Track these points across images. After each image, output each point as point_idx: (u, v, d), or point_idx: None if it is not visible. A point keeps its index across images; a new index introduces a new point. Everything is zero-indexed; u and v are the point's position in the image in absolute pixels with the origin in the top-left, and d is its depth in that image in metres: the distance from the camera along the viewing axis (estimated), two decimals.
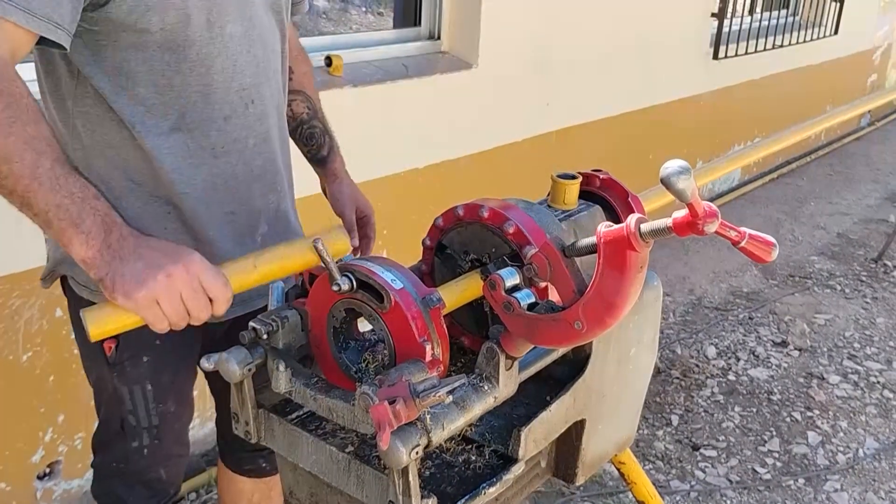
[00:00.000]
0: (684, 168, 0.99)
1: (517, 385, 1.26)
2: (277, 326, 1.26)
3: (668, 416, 3.19)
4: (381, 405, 1.04)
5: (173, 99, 1.40)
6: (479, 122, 3.58)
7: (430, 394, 1.07)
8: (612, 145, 4.43)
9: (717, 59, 5.07)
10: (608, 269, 1.07)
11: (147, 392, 1.61)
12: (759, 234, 1.06)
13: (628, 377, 1.51)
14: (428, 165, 3.40)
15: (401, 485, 1.11)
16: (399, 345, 1.18)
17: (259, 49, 1.49)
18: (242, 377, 1.25)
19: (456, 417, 1.16)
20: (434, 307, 1.19)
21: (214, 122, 1.45)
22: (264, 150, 1.55)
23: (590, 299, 1.10)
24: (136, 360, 1.57)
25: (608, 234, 1.07)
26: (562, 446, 1.47)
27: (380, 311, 1.18)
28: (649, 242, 1.06)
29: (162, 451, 1.66)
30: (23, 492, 2.38)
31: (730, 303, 4.23)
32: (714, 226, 1.01)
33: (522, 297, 1.16)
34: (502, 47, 3.56)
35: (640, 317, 1.49)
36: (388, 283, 1.17)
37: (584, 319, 1.11)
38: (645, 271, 1.11)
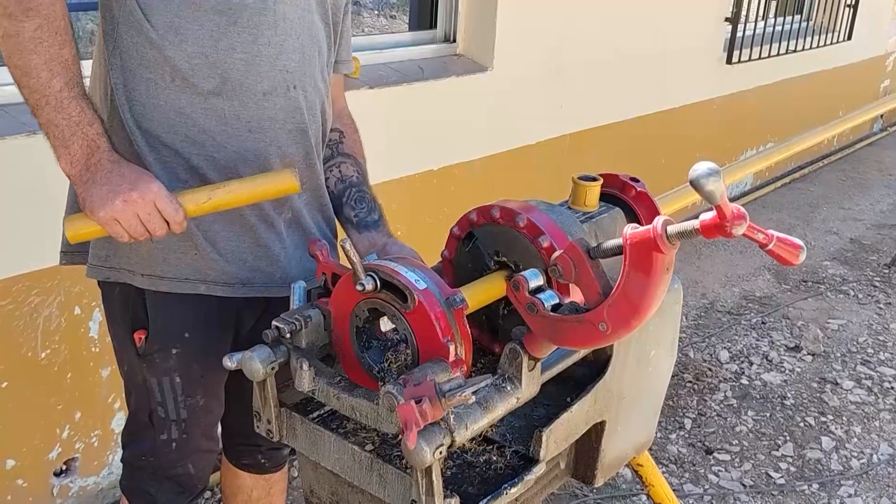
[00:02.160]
0: (714, 170, 0.99)
1: (539, 386, 1.26)
2: (300, 325, 1.27)
3: (681, 419, 3.19)
4: (408, 405, 1.05)
5: (218, 61, 1.45)
6: (493, 124, 3.59)
7: (456, 393, 1.08)
8: (625, 149, 4.43)
9: (730, 63, 5.06)
10: (634, 271, 1.08)
11: (176, 384, 1.62)
12: (786, 236, 1.06)
13: (648, 379, 1.52)
14: (442, 167, 3.41)
15: (424, 484, 1.12)
16: (422, 344, 1.18)
17: (307, 41, 1.54)
18: (266, 375, 1.27)
19: (479, 417, 1.17)
20: (457, 308, 1.20)
21: (254, 94, 1.49)
22: (300, 140, 1.58)
23: (615, 301, 1.10)
24: (165, 351, 1.60)
25: (635, 235, 1.07)
26: (581, 448, 1.48)
27: (403, 311, 1.19)
28: (676, 244, 1.06)
29: (190, 444, 1.67)
30: (39, 488, 2.39)
31: (742, 307, 4.22)
32: (742, 228, 1.02)
33: (546, 299, 1.17)
34: (517, 50, 3.56)
35: (660, 319, 1.49)
36: (411, 283, 1.18)
37: (609, 321, 1.11)
38: (671, 273, 1.11)
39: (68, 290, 2.31)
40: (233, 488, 1.97)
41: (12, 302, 2.22)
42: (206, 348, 1.62)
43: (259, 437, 1.34)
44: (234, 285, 1.58)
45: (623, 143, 4.40)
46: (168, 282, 1.56)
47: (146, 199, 1.37)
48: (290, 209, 1.62)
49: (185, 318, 1.59)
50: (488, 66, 3.49)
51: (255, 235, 1.58)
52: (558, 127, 3.98)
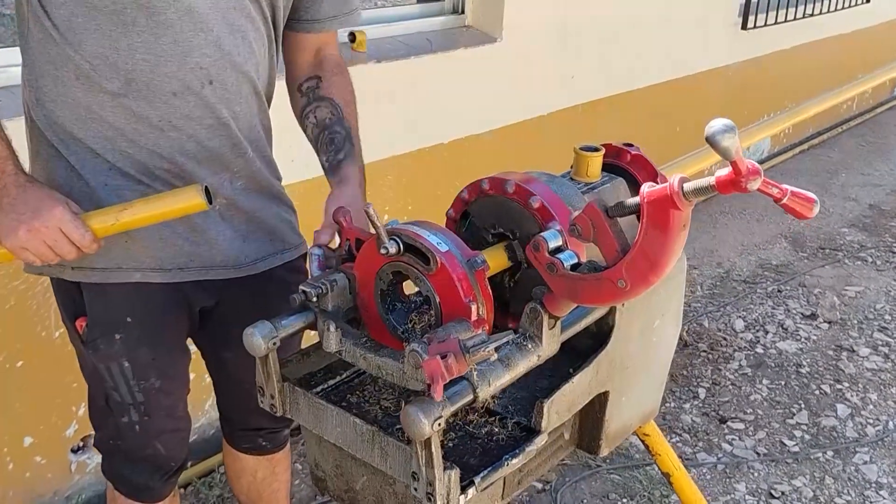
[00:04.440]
0: (729, 126, 1.00)
1: (559, 344, 1.28)
2: (327, 289, 1.29)
3: (696, 389, 3.18)
4: (434, 359, 1.07)
5: (119, 62, 1.42)
6: (503, 96, 3.56)
7: (480, 349, 1.10)
8: (639, 118, 4.39)
9: (745, 29, 4.99)
10: (651, 229, 1.09)
11: (125, 369, 1.62)
12: (800, 190, 1.07)
13: (652, 349, 1.51)
14: (452, 140, 3.39)
15: (423, 456, 1.13)
16: (445, 305, 1.20)
17: (224, 31, 1.47)
18: (268, 351, 1.27)
19: (501, 374, 1.19)
20: (479, 269, 1.22)
21: (163, 94, 1.46)
22: (224, 134, 1.54)
23: (634, 258, 1.12)
24: (108, 337, 1.59)
25: (652, 193, 1.08)
26: (585, 418, 1.48)
27: (426, 273, 1.21)
28: (692, 201, 1.07)
29: (154, 426, 1.67)
30: (57, 464, 2.43)
31: (758, 275, 4.19)
32: (757, 183, 1.03)
33: (566, 258, 1.19)
34: (526, 21, 3.53)
35: (664, 289, 1.48)
36: (434, 246, 1.20)
37: (628, 278, 1.13)
38: (687, 230, 1.12)
39: None
40: (236, 471, 1.99)
41: (24, 282, 2.24)
42: (152, 332, 1.62)
43: (258, 420, 1.36)
44: (171, 270, 1.58)
45: (637, 111, 4.36)
46: (100, 272, 1.55)
47: (50, 226, 1.38)
48: (220, 200, 1.58)
49: (123, 304, 1.59)
50: (497, 37, 3.46)
51: (189, 221, 1.55)
52: (571, 97, 3.94)
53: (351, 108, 1.70)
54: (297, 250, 1.75)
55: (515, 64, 3.55)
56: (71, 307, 1.63)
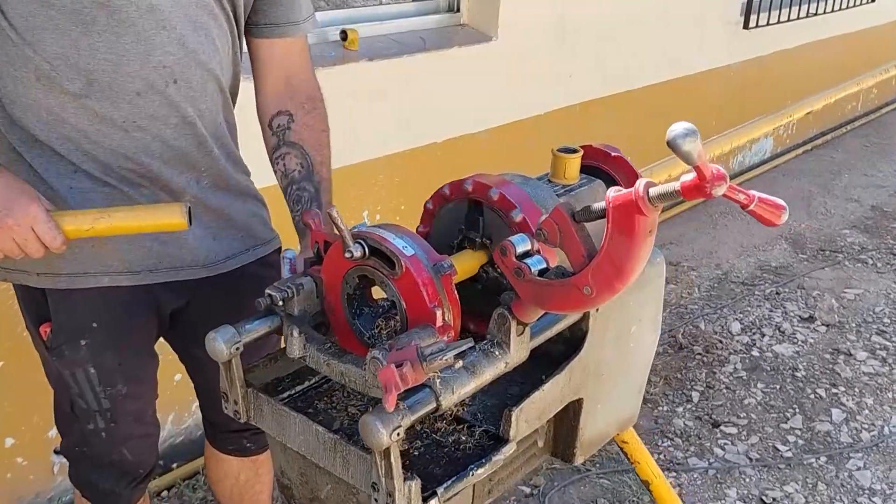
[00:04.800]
0: (690, 130, 0.97)
1: (528, 351, 1.25)
2: (292, 293, 1.26)
3: (689, 392, 3.15)
4: (388, 368, 1.04)
5: (80, 62, 1.39)
6: (499, 95, 3.54)
7: (438, 357, 1.06)
8: (638, 118, 4.35)
9: (747, 28, 4.95)
10: (617, 234, 1.07)
11: (91, 375, 1.59)
12: (768, 197, 1.03)
13: (629, 355, 1.48)
14: (447, 140, 3.36)
15: (383, 466, 1.10)
16: (411, 311, 1.18)
17: (188, 29, 1.45)
18: (230, 356, 1.25)
19: (466, 382, 1.16)
20: (445, 273, 1.19)
21: (126, 94, 1.43)
22: (190, 133, 1.51)
23: (599, 264, 1.09)
24: (73, 343, 1.57)
25: (617, 198, 1.05)
26: (560, 425, 1.45)
27: (391, 278, 1.18)
28: (658, 207, 1.04)
29: (120, 432, 1.65)
30: (39, 466, 2.41)
31: (757, 277, 4.15)
32: (722, 188, 1.00)
33: (534, 263, 1.16)
34: (522, 19, 3.50)
35: (641, 294, 1.45)
36: (399, 250, 1.17)
37: (594, 284, 1.10)
38: (654, 236, 1.09)
39: None
40: (219, 474, 1.96)
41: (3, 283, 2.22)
42: (119, 337, 1.59)
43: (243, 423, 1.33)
44: (140, 272, 1.55)
45: (636, 112, 4.33)
46: (67, 278, 1.53)
47: (22, 224, 1.35)
48: (189, 198, 1.56)
49: (90, 309, 1.56)
50: (493, 35, 3.43)
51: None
52: (567, 96, 3.91)
53: (324, 152, 1.65)
54: (269, 245, 1.72)
55: (511, 63, 3.52)
56: (34, 313, 1.61)
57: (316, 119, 1.66)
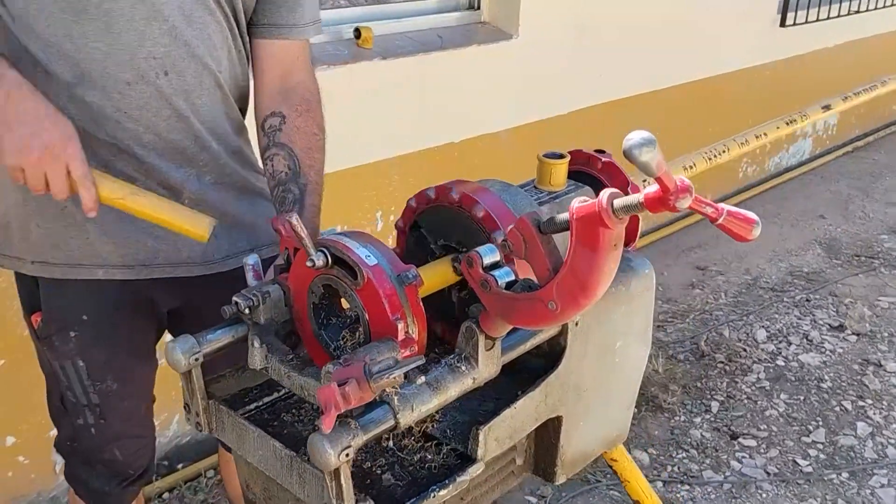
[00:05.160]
0: (647, 140, 0.91)
1: (499, 367, 1.20)
2: (258, 301, 1.23)
3: (708, 402, 3.06)
4: (328, 387, 0.99)
5: (72, 51, 1.38)
6: (519, 94, 3.47)
7: (384, 375, 1.01)
8: (668, 118, 4.25)
9: (784, 26, 4.82)
10: (581, 247, 1.02)
11: (80, 368, 1.58)
12: (739, 210, 0.97)
13: (615, 371, 1.42)
14: (464, 140, 3.31)
15: (333, 487, 1.06)
16: (373, 322, 1.14)
17: (180, 21, 1.43)
18: (189, 367, 1.21)
19: (428, 399, 1.12)
20: (410, 284, 1.14)
21: (117, 84, 1.41)
22: (184, 127, 1.49)
23: (563, 278, 1.04)
24: (63, 334, 1.55)
25: (581, 209, 1.00)
26: (540, 443, 1.39)
27: (354, 288, 1.14)
28: (623, 219, 0.98)
29: (110, 430, 1.63)
30: (41, 464, 2.41)
31: (787, 283, 4.03)
32: (687, 201, 0.94)
33: (501, 276, 1.12)
34: (544, 17, 3.42)
35: (627, 307, 1.39)
36: (361, 259, 1.13)
37: (558, 299, 1.05)
38: (620, 249, 1.03)
39: None
40: (229, 473, 1.94)
41: (5, 280, 2.21)
42: (110, 332, 1.57)
43: None
44: (135, 267, 1.53)
45: (666, 111, 4.22)
46: (61, 268, 1.51)
47: (60, 162, 1.29)
48: (189, 194, 1.53)
49: (80, 301, 1.55)
50: (513, 33, 3.36)
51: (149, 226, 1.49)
52: (592, 96, 3.83)
53: (313, 156, 1.58)
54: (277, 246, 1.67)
55: (532, 61, 3.44)
56: (27, 301, 1.60)
57: (309, 122, 1.60)
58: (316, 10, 1.63)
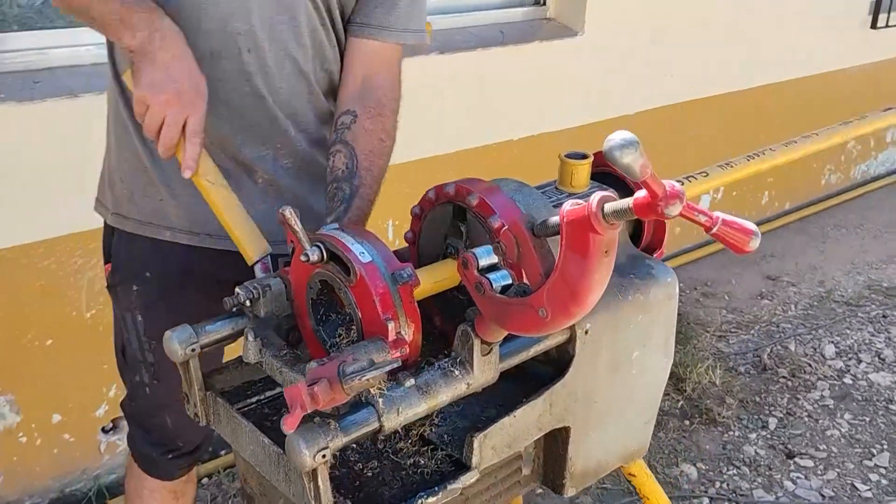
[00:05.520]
0: (628, 141, 0.86)
1: (497, 373, 1.16)
2: (259, 294, 1.21)
3: (766, 418, 2.93)
4: (297, 386, 0.97)
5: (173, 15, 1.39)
6: (583, 93, 3.39)
7: (356, 377, 0.98)
8: (742, 122, 4.10)
9: (875, 28, 4.60)
10: (571, 253, 0.97)
11: (138, 322, 1.62)
12: (736, 219, 0.90)
13: (631, 382, 1.35)
14: (523, 137, 3.25)
15: (311, 489, 1.03)
16: (366, 321, 1.11)
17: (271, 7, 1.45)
18: (186, 357, 1.20)
19: (416, 403, 1.08)
20: (404, 283, 1.11)
21: (203, 55, 1.43)
22: (260, 106, 1.50)
23: (553, 284, 0.99)
24: (126, 286, 1.61)
25: (571, 213, 0.95)
26: (549, 454, 1.34)
27: (348, 285, 1.11)
28: (614, 224, 0.92)
29: (163, 392, 1.64)
30: (86, 443, 2.46)
31: (864, 297, 3.84)
32: (676, 208, 0.88)
33: (496, 279, 1.06)
34: (612, 12, 3.34)
35: (645, 317, 1.33)
36: (355, 256, 1.10)
37: (549, 306, 1.00)
38: (612, 256, 0.98)
39: None
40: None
41: (55, 262, 2.27)
42: (170, 293, 1.59)
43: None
44: (200, 235, 1.55)
45: (740, 115, 4.08)
46: (133, 223, 1.58)
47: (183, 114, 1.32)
48: (262, 174, 1.55)
49: (146, 258, 1.60)
50: (578, 30, 3.29)
51: None
52: (662, 96, 3.72)
53: (373, 160, 1.55)
54: None
55: (597, 59, 3.37)
56: (105, 250, 1.67)
57: (378, 125, 1.57)
58: (415, 18, 1.59)
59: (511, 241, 1.02)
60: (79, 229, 2.26)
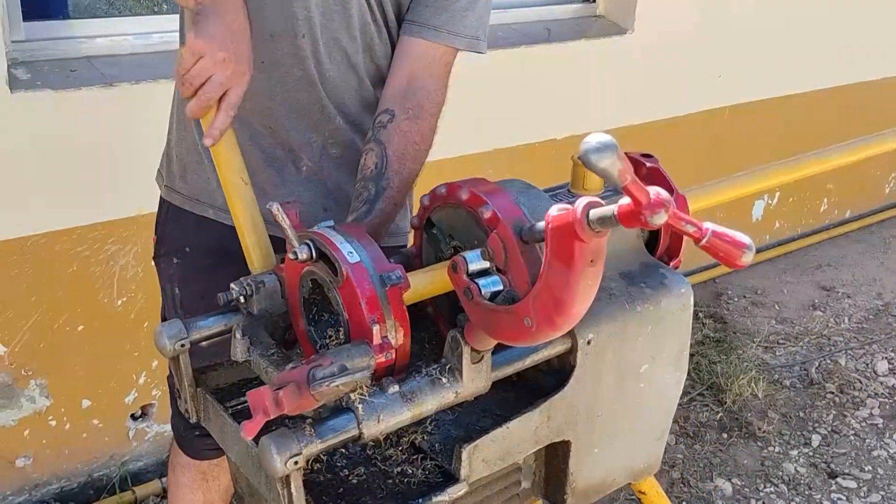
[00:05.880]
0: (605, 144, 0.81)
1: (489, 382, 1.11)
2: (252, 290, 1.19)
3: (809, 434, 2.82)
4: (260, 389, 0.94)
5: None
6: (631, 93, 3.31)
7: (324, 383, 0.95)
8: (798, 126, 3.96)
9: None
10: (555, 261, 0.91)
11: (176, 296, 1.65)
12: (727, 231, 0.84)
13: (638, 396, 1.29)
14: (567, 137, 3.18)
15: (284, 496, 1.00)
16: (352, 323, 1.08)
17: None
18: (176, 353, 1.18)
19: (398, 411, 1.04)
20: (393, 286, 1.07)
21: (263, 36, 1.45)
22: (311, 92, 1.51)
23: (538, 293, 0.94)
24: (168, 258, 1.67)
25: (557, 218, 0.90)
26: (550, 468, 1.29)
27: (335, 285, 1.08)
28: (601, 232, 0.87)
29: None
30: (115, 429, 2.49)
31: None
32: (661, 217, 0.82)
33: (486, 284, 1.02)
34: (664, 10, 3.26)
35: (656, 328, 1.26)
36: (342, 255, 1.07)
37: (534, 316, 0.95)
38: (600, 267, 0.92)
39: (146, 241, 2.35)
40: None
41: (88, 249, 2.29)
42: (208, 270, 1.58)
43: None
44: None
45: (796, 119, 3.94)
46: (181, 198, 1.63)
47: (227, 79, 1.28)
48: (307, 162, 1.56)
49: (189, 233, 1.64)
50: (628, 28, 3.21)
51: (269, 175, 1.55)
52: (714, 98, 3.61)
53: (404, 163, 1.50)
54: (393, 238, 1.61)
55: (647, 58, 3.28)
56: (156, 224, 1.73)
57: (414, 128, 1.52)
58: (470, 23, 1.54)
59: (499, 246, 0.98)
60: (112, 217, 2.28)
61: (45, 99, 2.13)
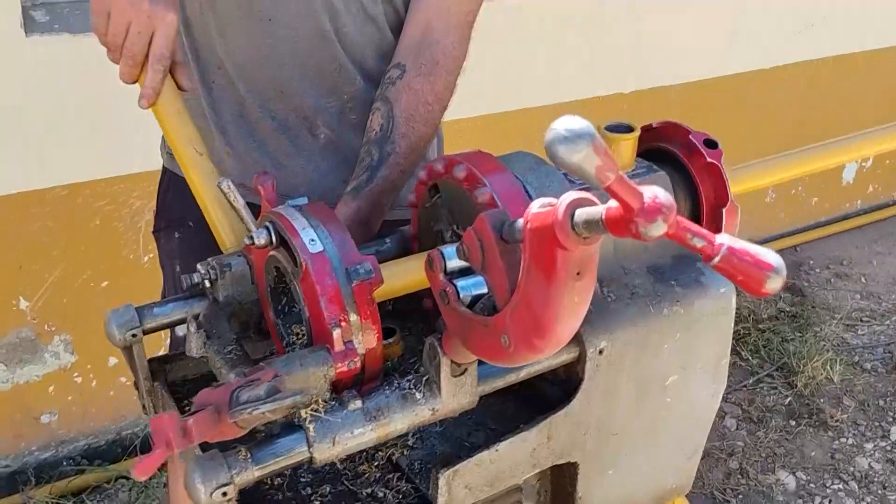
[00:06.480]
0: (576, 132, 0.61)
1: (475, 398, 0.94)
2: (216, 274, 1.05)
3: (888, 426, 2.57)
4: (162, 416, 0.79)
5: None
6: (707, 44, 3.03)
7: (247, 409, 0.79)
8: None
9: None
10: (535, 271, 0.73)
11: (176, 273, 1.55)
12: (748, 247, 0.62)
13: (665, 412, 1.10)
14: (635, 91, 2.94)
15: None
16: (314, 322, 0.92)
17: None
18: (126, 343, 1.05)
19: (359, 432, 0.89)
20: (361, 281, 0.90)
21: None
22: (326, 49, 1.37)
23: (515, 307, 0.76)
24: (168, 232, 1.57)
25: (537, 217, 0.71)
26: (557, 490, 1.12)
27: (296, 277, 0.92)
28: (589, 239, 0.67)
29: None
30: None
31: None
32: (658, 228, 0.61)
33: (466, 287, 0.85)
34: None
35: (687, 334, 1.07)
36: (302, 243, 0.91)
37: (511, 333, 0.77)
38: (589, 280, 0.73)
39: None
40: None
41: (111, 202, 2.19)
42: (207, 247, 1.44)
43: None
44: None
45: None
46: None
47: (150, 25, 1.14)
48: (325, 129, 1.41)
49: (189, 204, 1.44)
50: None
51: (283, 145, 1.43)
52: (810, 48, 3.28)
53: (413, 125, 1.35)
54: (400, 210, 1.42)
55: (726, 4, 2.98)
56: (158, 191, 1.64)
57: (426, 86, 1.36)
58: None
59: (475, 244, 0.79)
60: (135, 170, 2.17)
61: (64, 43, 2.01)
